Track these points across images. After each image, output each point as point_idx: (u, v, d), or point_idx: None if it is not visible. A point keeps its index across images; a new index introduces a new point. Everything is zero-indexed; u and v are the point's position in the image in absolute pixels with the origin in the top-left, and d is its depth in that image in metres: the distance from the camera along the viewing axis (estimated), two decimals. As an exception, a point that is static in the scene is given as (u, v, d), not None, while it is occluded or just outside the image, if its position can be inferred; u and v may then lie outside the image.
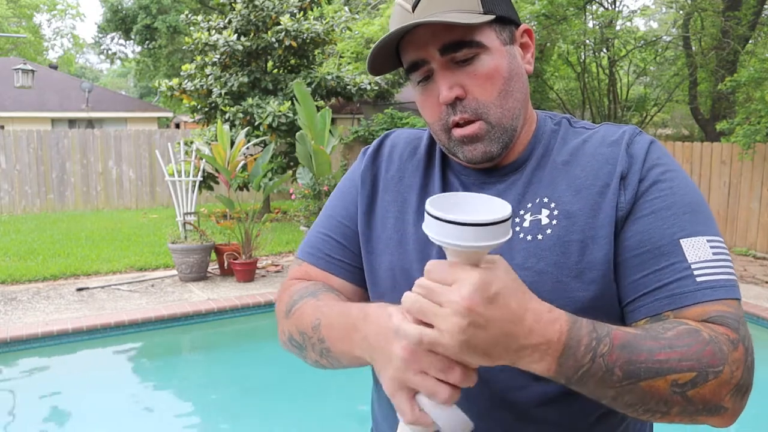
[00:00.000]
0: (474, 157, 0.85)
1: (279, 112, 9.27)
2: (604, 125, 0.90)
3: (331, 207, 1.01)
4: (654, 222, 0.79)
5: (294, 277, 1.00)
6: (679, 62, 12.00)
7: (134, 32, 23.84)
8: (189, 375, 4.58)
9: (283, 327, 0.93)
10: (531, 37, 0.89)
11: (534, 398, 0.82)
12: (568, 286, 0.79)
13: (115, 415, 3.68)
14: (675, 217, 0.79)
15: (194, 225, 6.45)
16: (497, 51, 0.82)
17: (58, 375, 4.38)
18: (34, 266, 6.86)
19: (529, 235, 0.83)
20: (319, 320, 0.85)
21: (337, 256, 0.96)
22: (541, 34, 11.26)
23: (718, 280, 0.75)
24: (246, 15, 9.97)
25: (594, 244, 0.80)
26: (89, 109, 18.73)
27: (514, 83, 0.84)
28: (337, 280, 0.96)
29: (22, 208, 12.43)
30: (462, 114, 0.83)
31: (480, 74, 0.81)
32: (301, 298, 0.91)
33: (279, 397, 3.98)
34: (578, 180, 0.83)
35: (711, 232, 0.79)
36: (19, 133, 12.44)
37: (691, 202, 0.80)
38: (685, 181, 0.83)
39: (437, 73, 0.82)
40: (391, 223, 0.93)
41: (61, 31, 38.01)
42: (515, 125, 0.86)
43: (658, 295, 0.76)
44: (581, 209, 0.82)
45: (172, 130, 14.90)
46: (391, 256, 0.91)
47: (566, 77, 13.73)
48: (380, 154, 1.00)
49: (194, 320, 5.13)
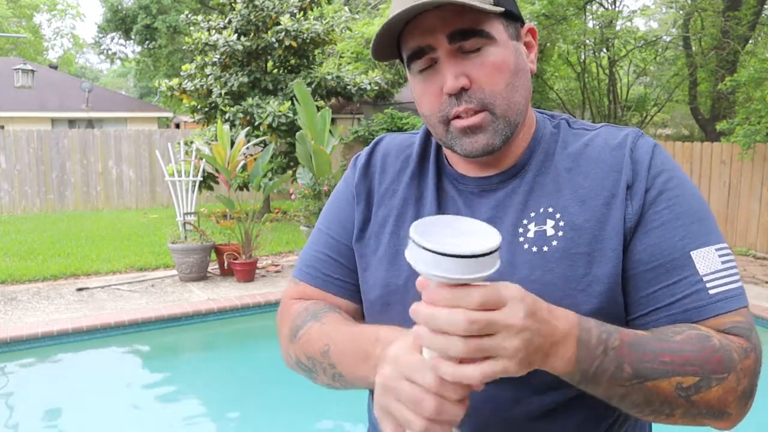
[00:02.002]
0: (474, 150, 0.82)
1: (279, 112, 9.27)
2: (604, 126, 0.88)
3: (326, 223, 0.98)
4: (664, 234, 0.78)
5: (291, 297, 0.98)
6: (679, 62, 12.01)
7: (134, 32, 23.84)
8: (189, 375, 4.58)
9: (289, 350, 0.91)
10: (535, 36, 0.87)
11: (532, 412, 0.81)
12: (575, 299, 0.78)
13: (115, 415, 3.68)
14: (684, 227, 0.78)
15: (194, 225, 6.45)
16: (505, 44, 0.80)
17: (58, 375, 4.37)
18: (34, 266, 6.86)
19: (534, 247, 0.81)
20: (328, 346, 0.83)
21: (334, 275, 0.94)
22: (541, 34, 11.26)
23: (729, 290, 0.76)
24: (246, 15, 9.98)
25: (601, 257, 0.78)
26: (89, 109, 18.72)
27: (520, 79, 0.82)
28: (335, 299, 0.94)
29: (22, 208, 12.43)
30: (467, 104, 0.79)
31: (487, 64, 0.79)
32: (305, 323, 0.89)
33: (279, 397, 3.98)
34: (582, 189, 0.82)
35: (718, 240, 0.79)
36: (19, 133, 12.44)
37: (698, 210, 0.80)
38: (690, 188, 0.82)
39: (442, 62, 0.79)
40: (386, 238, 0.91)
41: (61, 31, 38.04)
42: (518, 121, 0.83)
43: (672, 310, 0.76)
44: (587, 221, 0.80)
45: (172, 130, 14.90)
46: (386, 273, 0.89)
47: (566, 77, 13.73)
48: (372, 164, 0.97)
49: (194, 320, 5.13)
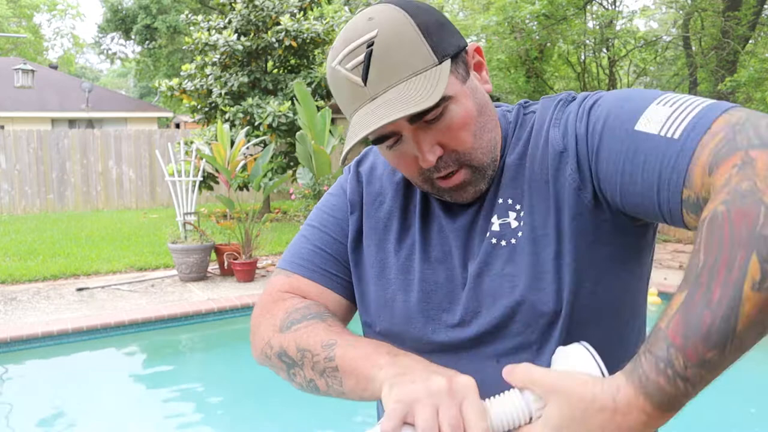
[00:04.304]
0: (465, 199, 0.84)
1: (279, 112, 9.27)
2: (542, 99, 0.88)
3: (320, 221, 0.96)
4: (606, 140, 0.73)
5: (282, 290, 0.94)
6: (679, 62, 12.02)
7: (134, 32, 23.84)
8: (189, 375, 4.58)
9: (272, 340, 0.87)
10: (481, 53, 0.85)
11: None
12: (554, 276, 0.78)
13: (115, 415, 3.68)
14: (618, 119, 0.73)
15: (194, 225, 6.45)
16: (461, 94, 0.78)
17: (58, 375, 4.37)
18: (34, 266, 6.87)
19: (503, 241, 0.81)
20: (335, 341, 0.80)
21: (332, 270, 0.93)
22: (541, 34, 11.27)
23: (693, 119, 0.66)
24: (246, 15, 9.98)
25: (567, 231, 0.78)
26: (89, 109, 18.72)
27: (484, 116, 0.81)
28: (334, 295, 0.93)
29: (22, 208, 12.43)
30: (445, 169, 0.80)
31: (453, 127, 0.78)
32: (305, 318, 0.86)
33: (279, 397, 3.98)
34: (529, 172, 0.82)
35: (653, 96, 0.72)
36: (19, 133, 12.44)
37: (620, 96, 0.76)
38: (610, 94, 0.78)
39: (409, 139, 0.79)
40: (373, 251, 0.90)
41: (61, 31, 38.02)
42: (495, 155, 0.84)
43: (663, 183, 0.67)
44: (542, 203, 0.80)
45: (172, 130, 14.91)
46: (375, 287, 0.89)
47: (566, 77, 13.75)
48: (361, 174, 0.96)
49: (194, 320, 5.13)
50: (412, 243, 0.88)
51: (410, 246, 0.88)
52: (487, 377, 0.78)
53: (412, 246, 0.88)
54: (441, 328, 0.84)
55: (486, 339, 0.81)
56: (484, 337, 0.81)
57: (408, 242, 0.89)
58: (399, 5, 0.77)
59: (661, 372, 0.57)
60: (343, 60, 0.76)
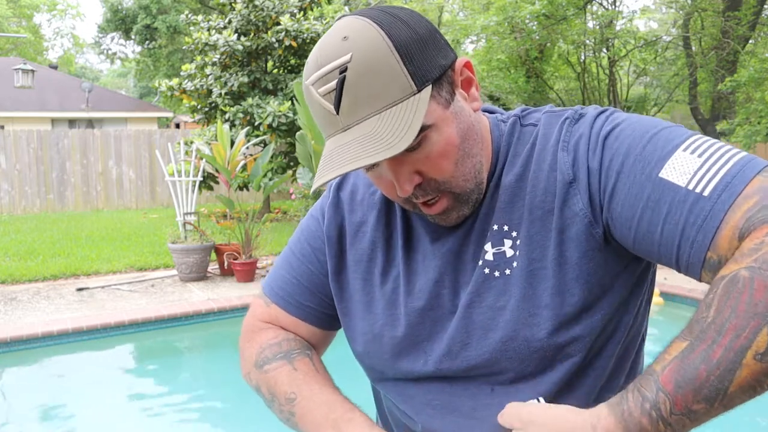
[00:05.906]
0: (449, 223, 0.80)
1: (279, 112, 9.27)
2: (544, 114, 0.82)
3: (300, 251, 0.94)
4: (625, 179, 0.69)
5: (261, 319, 0.97)
6: (679, 62, 12.02)
7: (134, 32, 23.85)
8: (189, 375, 4.58)
9: (251, 374, 0.94)
10: (471, 69, 0.78)
11: None
12: (550, 312, 0.74)
13: (115, 415, 3.68)
14: (639, 158, 0.69)
15: (194, 225, 6.45)
16: (443, 121, 0.72)
17: (58, 375, 4.37)
18: (34, 266, 6.87)
19: (496, 271, 0.78)
20: (295, 395, 0.84)
21: (307, 302, 0.93)
22: (541, 34, 11.27)
23: (724, 176, 0.63)
24: (246, 15, 9.98)
25: (565, 265, 0.74)
26: (89, 109, 18.73)
27: (468, 141, 0.75)
28: (307, 326, 0.94)
29: (22, 208, 12.43)
30: (424, 197, 0.76)
31: (432, 156, 0.73)
32: (275, 358, 0.90)
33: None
34: (530, 198, 0.77)
35: (681, 139, 0.68)
36: (19, 133, 12.45)
37: (642, 133, 0.71)
38: (631, 119, 0.74)
39: (387, 168, 0.74)
40: (359, 285, 0.88)
41: (61, 31, 38.00)
42: (480, 178, 0.79)
43: (686, 241, 0.65)
44: (541, 232, 0.76)
45: (172, 130, 14.91)
46: (362, 321, 0.88)
47: (566, 77, 13.75)
48: (342, 201, 0.92)
49: (194, 320, 5.13)
50: (397, 275, 0.86)
51: (395, 278, 0.86)
52: (480, 405, 0.79)
53: (397, 278, 0.86)
54: (431, 359, 0.82)
55: (479, 371, 0.79)
56: (476, 369, 0.79)
57: (393, 274, 0.86)
58: (378, 22, 0.70)
59: (646, 412, 0.59)
60: (315, 83, 0.71)
